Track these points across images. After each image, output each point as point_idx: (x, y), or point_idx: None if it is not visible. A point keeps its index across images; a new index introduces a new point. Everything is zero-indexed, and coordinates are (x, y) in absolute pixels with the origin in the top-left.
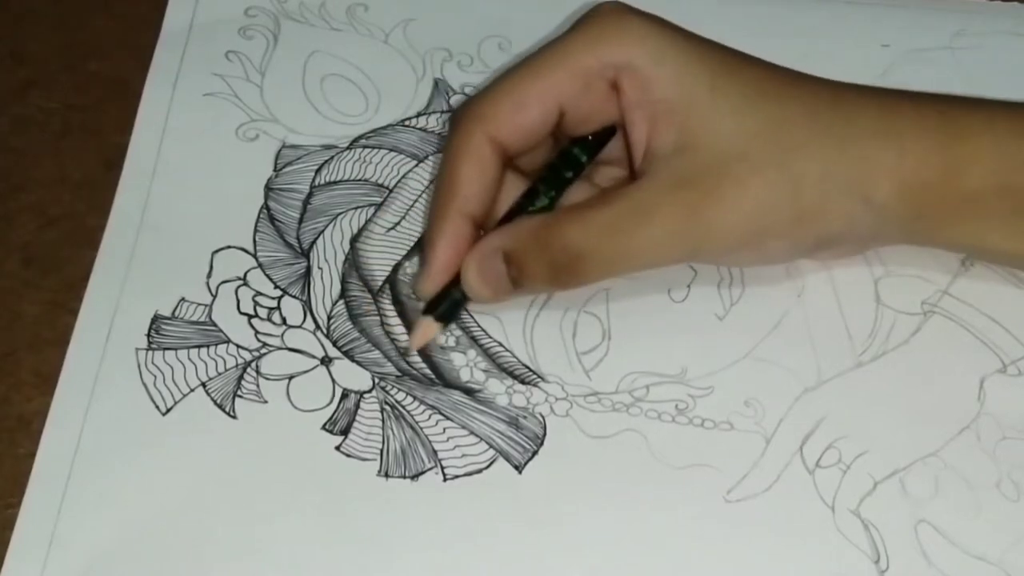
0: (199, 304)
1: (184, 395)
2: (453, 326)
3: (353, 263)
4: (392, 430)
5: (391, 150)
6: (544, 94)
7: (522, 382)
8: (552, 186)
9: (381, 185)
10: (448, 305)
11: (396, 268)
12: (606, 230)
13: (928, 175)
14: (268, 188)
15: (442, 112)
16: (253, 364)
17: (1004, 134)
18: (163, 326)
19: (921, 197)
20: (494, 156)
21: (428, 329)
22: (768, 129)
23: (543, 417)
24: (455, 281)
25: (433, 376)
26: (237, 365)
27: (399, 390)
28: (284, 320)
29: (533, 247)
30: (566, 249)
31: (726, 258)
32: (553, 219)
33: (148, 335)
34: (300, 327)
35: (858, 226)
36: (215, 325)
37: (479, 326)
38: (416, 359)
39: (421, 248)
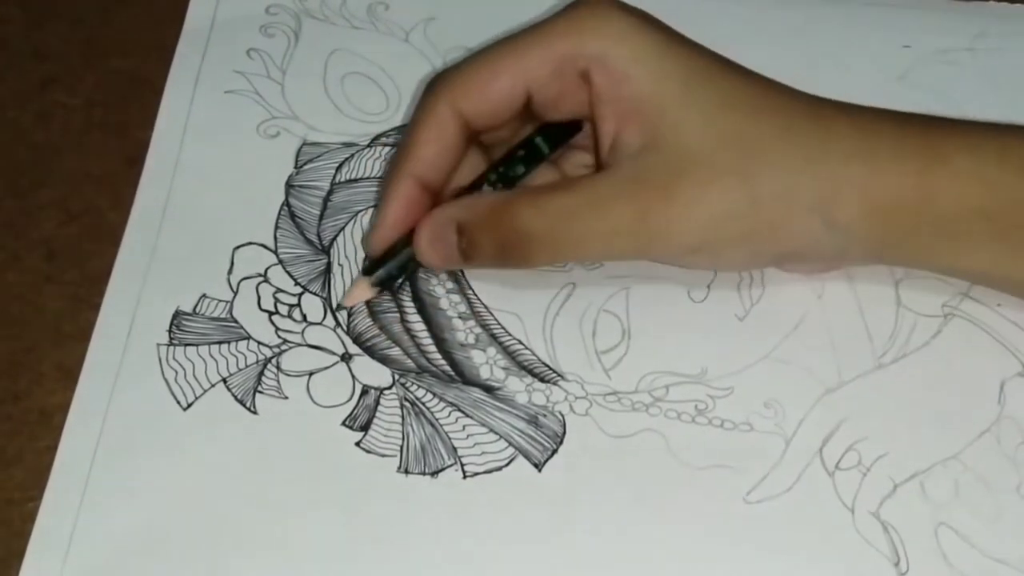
0: (220, 300)
1: (205, 390)
2: (473, 323)
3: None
4: (412, 427)
5: None
6: (513, 73)
7: (542, 380)
8: (508, 169)
9: None
10: (386, 272)
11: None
12: (558, 216)
13: (901, 196)
14: (289, 185)
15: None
16: (273, 360)
17: (986, 157)
18: (184, 322)
19: (892, 219)
20: (455, 125)
21: (362, 291)
22: (735, 138)
23: (563, 416)
24: (397, 247)
25: (453, 373)
26: (258, 361)
27: (419, 387)
28: (304, 317)
29: (485, 222)
30: (516, 229)
31: (680, 260)
32: (509, 198)
33: (169, 331)
34: (320, 324)
35: (821, 245)
36: (236, 321)
37: (499, 324)
38: (436, 356)
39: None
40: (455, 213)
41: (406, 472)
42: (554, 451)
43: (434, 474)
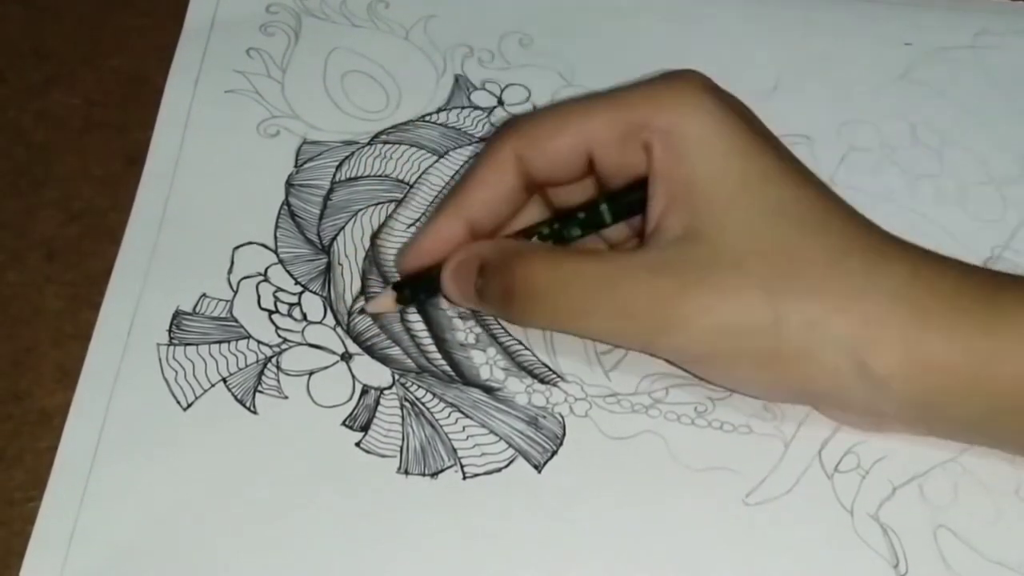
0: (220, 300)
1: (205, 390)
2: (473, 322)
3: (373, 259)
4: (412, 427)
5: (412, 146)
6: (578, 130)
7: (542, 381)
8: (563, 228)
9: (402, 181)
10: (412, 291)
11: None
12: (568, 278)
13: (951, 360)
14: (289, 184)
15: (462, 108)
16: (274, 360)
17: None
18: (184, 321)
19: (939, 380)
20: (516, 172)
21: (387, 302)
22: (775, 251)
23: (562, 417)
24: (427, 272)
25: (453, 373)
26: (258, 361)
27: (419, 387)
28: (304, 316)
29: (500, 265)
30: (524, 279)
31: (690, 367)
32: (530, 247)
33: (169, 330)
34: (320, 323)
35: (851, 395)
36: (236, 321)
37: (499, 324)
38: (436, 356)
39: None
40: (482, 251)
41: (406, 473)
42: (554, 452)
43: (434, 475)
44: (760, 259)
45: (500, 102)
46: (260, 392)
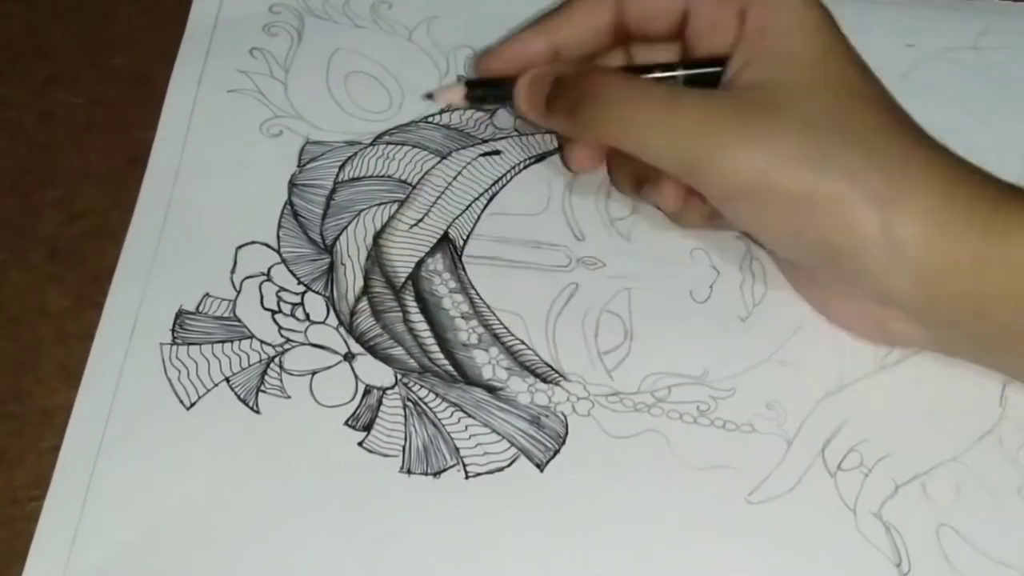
0: (223, 299)
1: (208, 390)
2: (476, 322)
3: (376, 259)
4: (414, 427)
5: (414, 147)
6: None
7: (544, 381)
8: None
9: (404, 181)
10: (483, 90)
11: (419, 265)
12: (636, 94)
13: (963, 243)
14: (292, 184)
15: (465, 109)
16: (276, 359)
17: None
18: (187, 321)
19: (948, 256)
20: (612, 11)
21: (455, 93)
22: (836, 114)
23: (565, 416)
24: (502, 79)
25: (455, 373)
26: (261, 360)
27: (421, 387)
28: (307, 316)
29: (576, 78)
30: (596, 89)
31: (727, 199)
32: (604, 69)
33: (172, 330)
34: (323, 323)
35: (869, 251)
36: (239, 320)
37: (501, 324)
38: (438, 355)
39: (443, 240)
40: (559, 68)
41: (408, 472)
42: (556, 452)
43: (436, 474)
44: (821, 116)
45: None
46: (263, 392)
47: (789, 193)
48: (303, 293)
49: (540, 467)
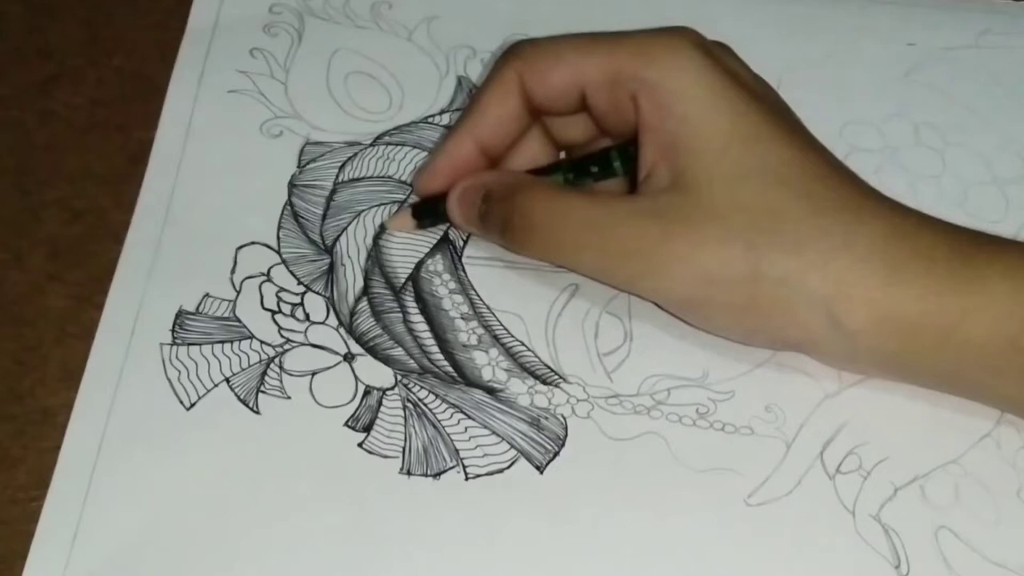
0: (223, 300)
1: (208, 390)
2: (476, 323)
3: (376, 260)
4: (414, 428)
5: (414, 147)
6: (573, 67)
7: (544, 382)
8: (577, 178)
9: (404, 182)
10: (428, 210)
11: (419, 266)
12: (563, 214)
13: (924, 314)
14: (292, 184)
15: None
16: (276, 360)
17: None
18: (187, 321)
19: (909, 336)
20: (519, 95)
21: (405, 222)
22: (758, 208)
23: (564, 418)
24: (441, 197)
25: (455, 374)
26: (261, 361)
27: (421, 388)
28: (307, 316)
29: (504, 196)
30: (524, 212)
31: (672, 309)
32: (533, 182)
33: (172, 330)
34: (323, 323)
35: (827, 344)
36: (239, 321)
37: (501, 325)
38: (438, 356)
39: (443, 241)
40: (488, 180)
41: (408, 473)
42: (556, 453)
43: (436, 476)
44: (743, 214)
45: None
46: (263, 392)
47: (730, 304)
48: (303, 293)
49: (540, 469)
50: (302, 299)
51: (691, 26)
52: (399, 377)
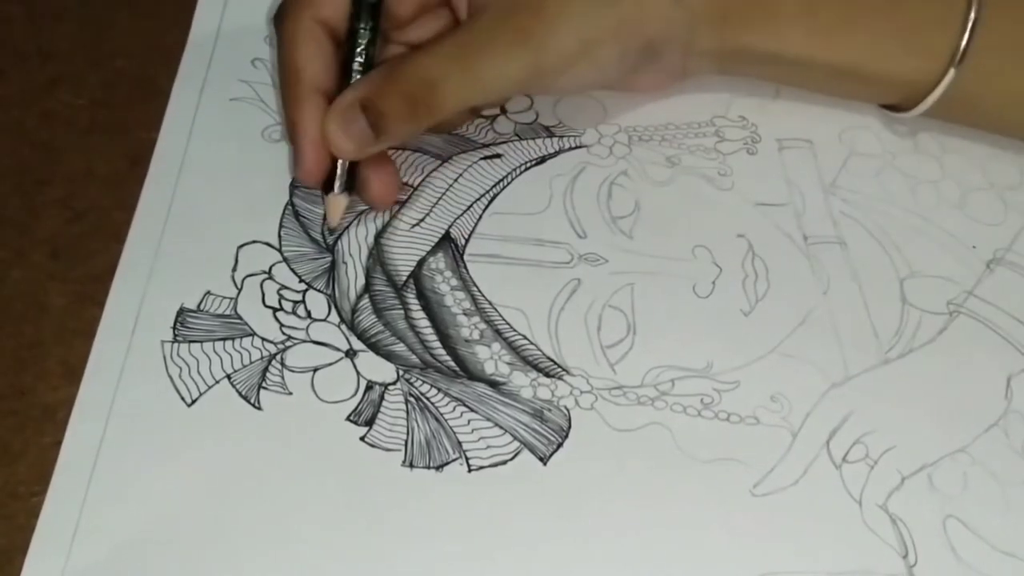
0: (224, 297)
1: (209, 387)
2: (478, 319)
3: (378, 258)
4: (416, 421)
5: (415, 151)
6: None
7: (547, 375)
8: (365, 17)
9: (405, 183)
10: (343, 174)
11: (421, 263)
12: (455, 55)
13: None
14: (293, 185)
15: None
16: (278, 356)
17: None
18: (188, 319)
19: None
20: (325, 34)
21: (337, 204)
22: None
23: (568, 410)
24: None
25: (457, 368)
26: (262, 357)
27: (423, 382)
28: (309, 313)
29: (388, 86)
30: (421, 79)
31: (566, 76)
32: (404, 55)
33: (174, 328)
34: (325, 320)
35: (674, 25)
36: (240, 318)
37: (504, 319)
38: (440, 351)
39: (445, 239)
40: (355, 94)
41: (411, 466)
42: (559, 445)
43: (439, 468)
44: None
45: (502, 109)
46: (265, 388)
47: (606, 32)
48: (304, 291)
49: (543, 460)
50: (303, 296)
51: None
52: (401, 372)
